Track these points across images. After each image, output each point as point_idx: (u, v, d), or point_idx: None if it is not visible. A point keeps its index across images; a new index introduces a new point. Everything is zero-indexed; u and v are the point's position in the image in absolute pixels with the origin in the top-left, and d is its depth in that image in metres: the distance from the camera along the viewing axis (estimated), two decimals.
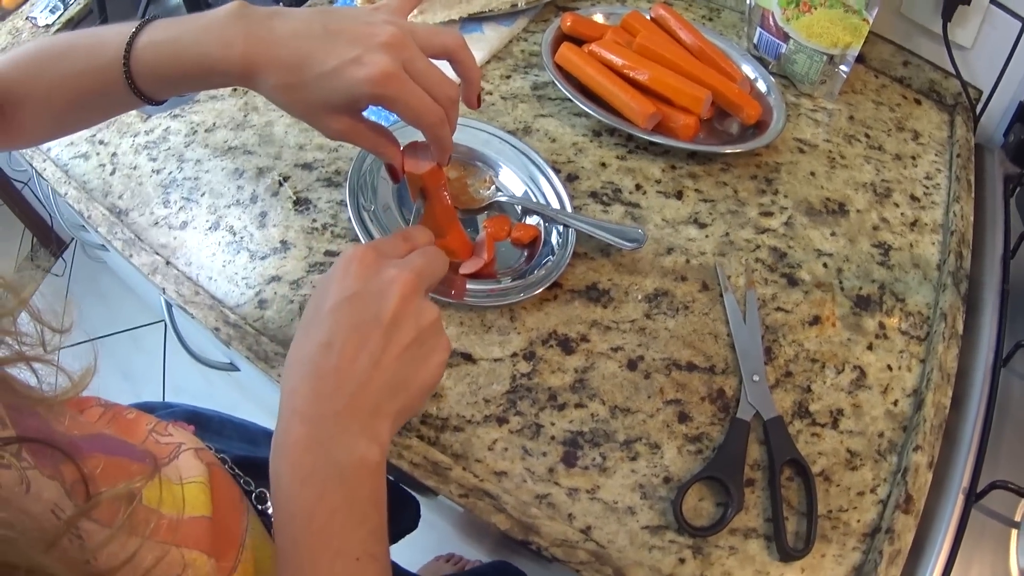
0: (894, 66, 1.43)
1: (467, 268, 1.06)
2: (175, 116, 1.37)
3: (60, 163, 1.33)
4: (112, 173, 1.29)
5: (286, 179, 1.23)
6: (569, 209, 1.15)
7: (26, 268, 3.31)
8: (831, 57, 1.31)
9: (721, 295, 1.10)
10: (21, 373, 0.58)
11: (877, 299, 1.12)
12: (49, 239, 3.34)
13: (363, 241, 1.10)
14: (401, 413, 0.70)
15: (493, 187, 1.17)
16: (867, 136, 1.33)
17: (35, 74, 0.84)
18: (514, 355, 1.04)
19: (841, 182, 1.25)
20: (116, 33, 0.80)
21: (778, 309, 1.10)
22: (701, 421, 1.00)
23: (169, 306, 1.49)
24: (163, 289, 1.15)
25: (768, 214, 1.20)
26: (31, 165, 1.38)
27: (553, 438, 0.98)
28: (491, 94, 1.36)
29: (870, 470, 0.97)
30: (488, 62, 1.43)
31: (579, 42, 1.36)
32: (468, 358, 1.04)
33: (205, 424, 1.12)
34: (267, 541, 0.78)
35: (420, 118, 0.79)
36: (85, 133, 1.39)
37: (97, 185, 1.28)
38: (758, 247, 1.16)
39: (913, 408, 1.02)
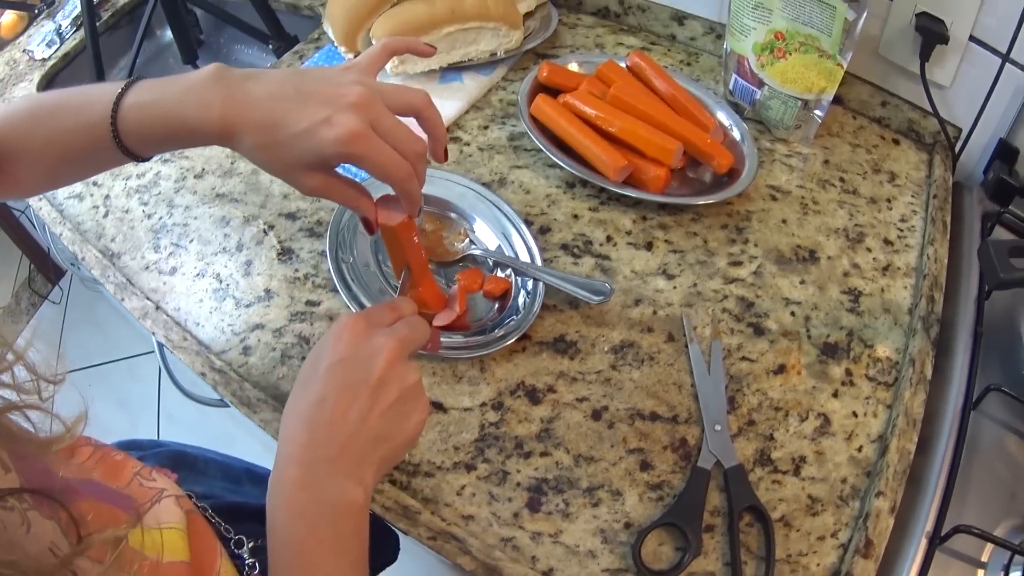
0: (872, 107, 1.49)
1: (440, 320, 1.12)
2: (165, 161, 1.46)
3: (55, 203, 1.42)
4: (105, 216, 1.38)
5: (271, 228, 1.31)
6: (539, 262, 1.22)
7: (23, 295, 3.40)
8: (805, 102, 1.37)
9: (687, 346, 1.16)
10: (20, 420, 0.64)
11: (845, 346, 1.18)
12: (47, 265, 3.44)
13: (342, 293, 1.18)
14: (384, 462, 0.81)
15: (467, 240, 1.24)
16: (842, 180, 1.39)
17: (29, 130, 0.89)
18: (483, 405, 1.11)
19: (813, 229, 1.31)
20: (104, 92, 0.85)
21: (743, 359, 1.16)
22: (663, 469, 1.06)
23: (161, 345, 1.54)
24: (153, 333, 1.23)
25: (737, 263, 1.26)
26: (27, 201, 1.45)
27: (519, 484, 1.05)
28: (468, 144, 1.44)
29: (831, 515, 1.02)
30: (467, 112, 1.51)
31: (556, 92, 1.43)
32: (439, 407, 1.11)
33: (190, 464, 1.20)
34: None
35: (388, 174, 0.84)
36: None
37: (91, 227, 1.37)
38: (726, 297, 1.22)
39: (877, 454, 1.07)
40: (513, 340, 1.14)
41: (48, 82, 1.77)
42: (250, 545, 0.94)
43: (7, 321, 3.36)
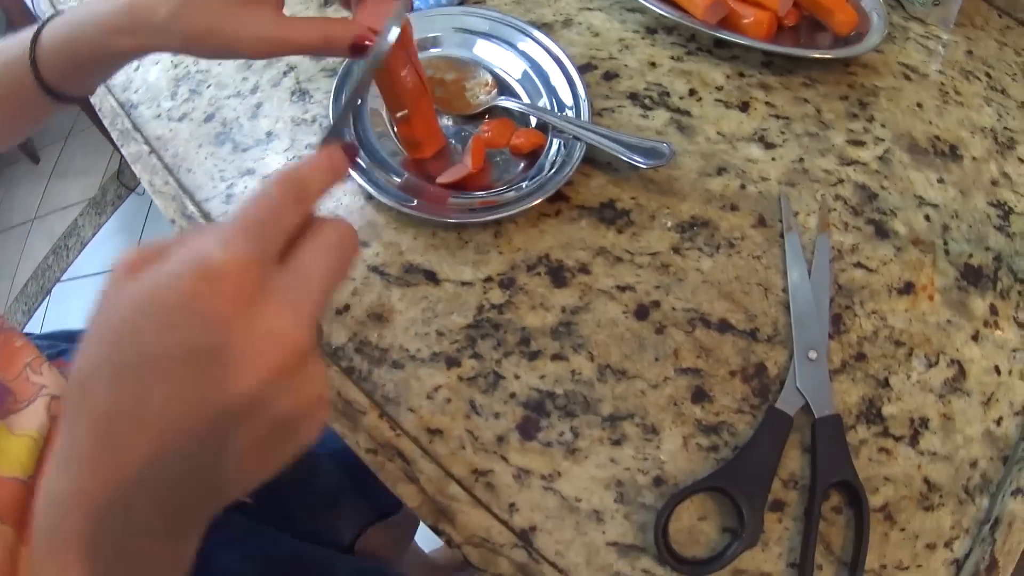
0: (1021, 7, 0.86)
1: (446, 177, 0.62)
2: None
3: None
4: (136, 69, 0.89)
5: (292, 69, 0.80)
6: (586, 114, 0.66)
7: (110, 187, 2.86)
8: None
9: (782, 235, 0.60)
10: None
11: (990, 273, 0.61)
12: None
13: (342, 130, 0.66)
14: (227, 500, 0.32)
15: (495, 92, 0.69)
16: (988, 76, 0.78)
17: None
18: (488, 279, 0.58)
19: (955, 121, 0.72)
20: (28, 33, 0.54)
21: (858, 265, 0.59)
22: (725, 404, 0.52)
23: None
24: (140, 179, 0.77)
25: (859, 143, 0.68)
26: None
27: (513, 396, 0.52)
28: None
29: (950, 513, 0.50)
30: None
31: None
32: (431, 277, 0.58)
33: None
34: None
35: None
36: None
37: (119, 81, 0.88)
38: (841, 181, 0.64)
39: (1020, 433, 0.54)
40: (539, 201, 0.59)
41: None
42: None
43: (91, 213, 2.76)
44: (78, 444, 0.29)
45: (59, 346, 0.65)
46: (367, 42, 0.50)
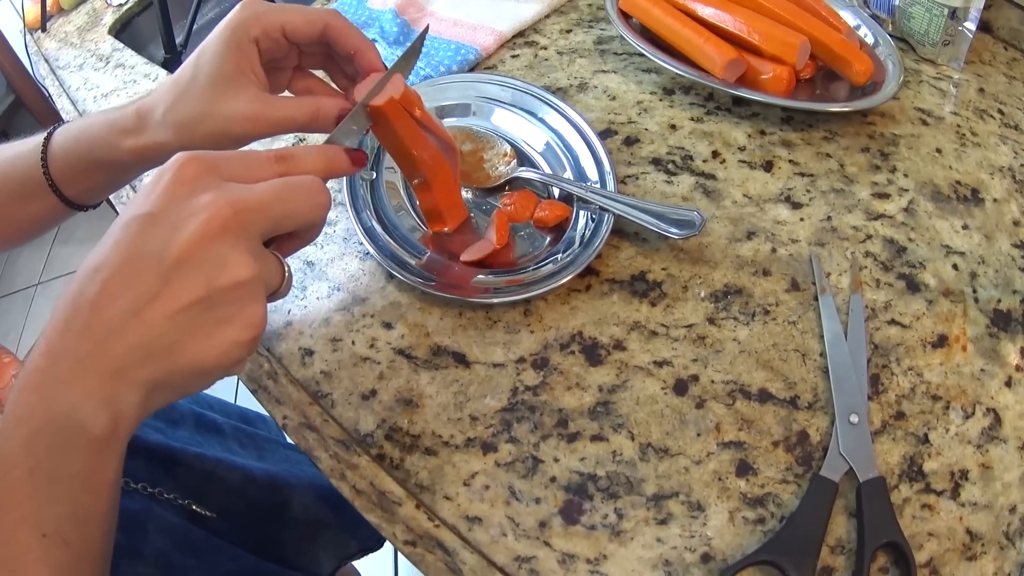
0: None
1: (470, 255, 0.63)
2: None
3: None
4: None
5: (301, 141, 0.81)
6: (612, 183, 0.67)
7: None
8: (953, 11, 0.78)
9: (816, 298, 0.61)
10: None
11: (1019, 317, 0.62)
12: None
13: (349, 211, 0.68)
14: (158, 388, 0.39)
15: (514, 162, 0.70)
16: (1001, 112, 0.79)
17: None
18: (521, 360, 0.59)
19: (973, 163, 0.73)
20: (41, 134, 0.58)
21: (892, 322, 0.60)
22: (769, 476, 0.53)
23: None
24: None
25: (883, 196, 0.69)
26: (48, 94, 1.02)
27: (554, 480, 0.53)
28: (546, 49, 0.87)
29: (992, 560, 0.50)
30: (547, 16, 0.92)
31: None
32: (460, 360, 0.60)
33: None
34: None
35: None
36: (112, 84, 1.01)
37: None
38: (869, 237, 0.66)
39: None
40: (570, 277, 0.61)
41: (122, 25, 1.19)
42: None
43: None
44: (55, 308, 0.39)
45: None
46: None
